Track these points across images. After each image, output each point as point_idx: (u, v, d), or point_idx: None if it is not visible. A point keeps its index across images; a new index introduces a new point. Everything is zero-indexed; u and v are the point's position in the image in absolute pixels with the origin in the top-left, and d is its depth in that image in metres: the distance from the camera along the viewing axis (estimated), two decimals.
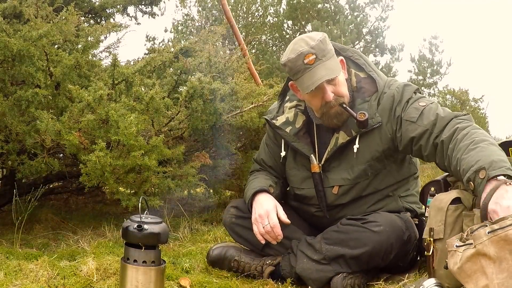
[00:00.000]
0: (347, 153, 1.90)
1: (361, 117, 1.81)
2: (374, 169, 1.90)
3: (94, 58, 2.94)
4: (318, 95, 1.84)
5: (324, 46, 1.80)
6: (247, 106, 2.87)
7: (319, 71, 1.77)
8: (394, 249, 1.80)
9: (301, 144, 1.97)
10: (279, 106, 2.09)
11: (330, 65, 1.80)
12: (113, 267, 1.88)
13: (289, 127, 1.99)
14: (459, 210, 1.61)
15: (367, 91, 1.89)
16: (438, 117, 1.74)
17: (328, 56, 1.80)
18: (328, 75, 1.78)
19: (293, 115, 2.00)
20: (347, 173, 1.91)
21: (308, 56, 1.77)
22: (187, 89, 2.46)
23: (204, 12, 13.79)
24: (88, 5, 3.65)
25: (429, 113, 1.76)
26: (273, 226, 1.86)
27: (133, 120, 2.21)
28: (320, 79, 1.77)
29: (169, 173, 2.53)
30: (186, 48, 2.78)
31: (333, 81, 1.82)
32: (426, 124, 1.75)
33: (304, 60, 1.77)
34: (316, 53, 1.77)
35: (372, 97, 1.87)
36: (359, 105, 1.87)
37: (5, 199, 3.04)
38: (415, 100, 1.82)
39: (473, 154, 1.52)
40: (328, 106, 1.84)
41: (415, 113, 1.78)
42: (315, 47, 1.78)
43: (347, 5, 13.50)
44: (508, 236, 1.29)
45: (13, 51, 2.21)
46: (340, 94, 1.84)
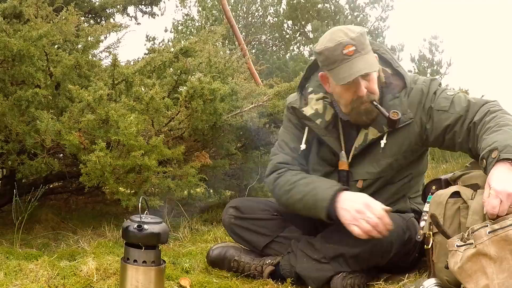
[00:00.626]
0: (373, 148, 1.86)
1: (394, 116, 1.76)
2: (399, 163, 1.88)
3: (94, 58, 2.95)
4: (351, 89, 1.77)
5: (363, 40, 1.75)
6: (247, 106, 2.87)
7: (358, 64, 1.71)
8: (394, 248, 1.80)
9: (331, 138, 1.90)
10: (301, 98, 1.97)
11: (369, 59, 1.75)
12: (113, 267, 1.88)
13: (319, 119, 1.90)
14: (458, 204, 1.62)
15: (396, 86, 1.85)
16: (470, 103, 1.74)
17: (366, 50, 1.75)
18: (367, 69, 1.73)
19: (322, 107, 1.91)
20: (372, 167, 1.87)
21: (348, 47, 1.71)
22: (187, 89, 2.46)
23: (204, 12, 13.79)
24: (88, 5, 3.65)
25: (459, 100, 1.76)
26: (380, 216, 1.68)
27: (133, 120, 2.21)
28: (358, 72, 1.71)
29: (169, 173, 2.53)
30: (186, 48, 2.77)
31: (368, 77, 1.76)
32: (459, 111, 1.74)
33: (343, 51, 1.71)
34: (356, 45, 1.71)
35: (401, 93, 1.84)
36: (389, 101, 1.83)
37: (5, 199, 3.04)
38: (442, 91, 1.82)
39: (494, 135, 1.55)
40: (359, 101, 1.78)
41: (445, 103, 1.77)
42: (355, 39, 1.72)
43: (347, 5, 13.51)
44: (509, 236, 1.29)
45: (13, 51, 2.21)
46: (373, 91, 1.79)
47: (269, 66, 10.29)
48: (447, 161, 5.38)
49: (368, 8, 13.70)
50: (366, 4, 13.64)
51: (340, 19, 12.69)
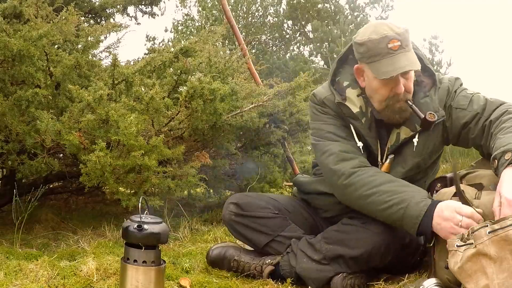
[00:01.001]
0: (404, 148, 1.84)
1: (431, 118, 1.75)
2: (425, 163, 1.87)
3: (94, 58, 2.95)
4: (389, 85, 1.74)
5: (408, 36, 1.73)
6: (247, 106, 2.87)
7: (401, 59, 1.69)
8: (393, 251, 1.80)
9: (372, 139, 1.85)
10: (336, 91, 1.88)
11: (412, 57, 1.73)
12: (113, 267, 1.88)
13: (364, 118, 1.84)
14: None
15: (427, 85, 1.84)
16: (487, 102, 1.75)
17: (410, 47, 1.73)
18: (410, 66, 1.70)
19: (364, 104, 1.84)
20: (400, 166, 1.85)
21: (394, 41, 1.69)
22: (187, 89, 2.46)
23: (204, 12, 13.79)
24: (88, 5, 3.65)
25: (478, 99, 1.77)
26: (471, 215, 1.52)
27: (133, 120, 2.21)
28: (402, 68, 1.69)
29: (169, 173, 2.53)
30: (186, 48, 2.77)
31: (407, 75, 1.75)
32: (476, 108, 1.75)
33: (388, 45, 1.69)
34: (401, 40, 1.69)
35: (431, 91, 1.83)
36: (421, 99, 1.81)
37: (5, 199, 3.04)
38: (462, 90, 1.82)
39: (509, 136, 1.54)
40: (395, 99, 1.76)
41: (464, 101, 1.78)
42: (401, 34, 1.70)
43: (347, 5, 13.50)
44: (509, 236, 1.29)
45: (13, 51, 2.21)
46: (409, 90, 1.77)
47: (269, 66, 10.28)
48: (447, 161, 5.38)
49: (368, 8, 13.70)
50: (366, 4, 13.63)
51: (340, 19, 12.68)
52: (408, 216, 1.63)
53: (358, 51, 1.78)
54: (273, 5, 14.07)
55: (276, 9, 14.09)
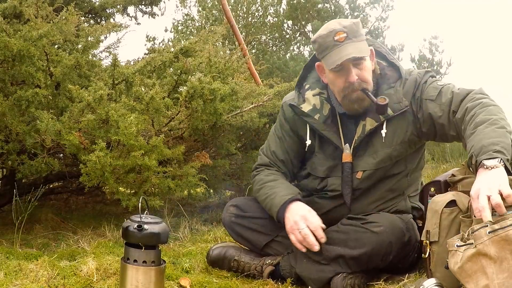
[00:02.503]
0: (374, 139, 1.89)
1: (381, 101, 1.81)
2: (398, 153, 1.89)
3: (94, 58, 2.94)
4: (342, 75, 1.83)
5: (356, 28, 1.82)
6: (247, 106, 2.87)
7: (347, 48, 1.77)
8: (394, 250, 1.80)
9: (330, 132, 1.93)
10: (298, 96, 2.01)
11: (360, 45, 1.80)
12: (113, 267, 1.88)
13: (317, 114, 1.94)
14: (455, 214, 1.61)
15: (391, 77, 1.90)
16: (454, 94, 1.77)
17: (359, 38, 1.81)
18: (356, 53, 1.77)
19: (319, 102, 1.96)
20: (371, 157, 1.89)
21: (339, 33, 1.78)
22: (187, 89, 2.46)
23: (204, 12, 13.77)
24: (88, 5, 3.65)
25: (447, 92, 1.80)
26: (314, 228, 1.80)
27: (133, 120, 2.21)
28: (347, 55, 1.76)
29: (169, 173, 2.53)
30: (186, 48, 2.77)
31: (360, 65, 1.81)
32: (444, 102, 1.78)
33: (335, 37, 1.79)
34: (347, 32, 1.79)
35: (397, 83, 1.88)
36: (385, 90, 1.87)
37: (5, 199, 3.04)
38: (433, 81, 1.86)
39: (471, 139, 1.57)
40: (350, 88, 1.83)
41: (434, 92, 1.82)
42: (347, 27, 1.80)
43: (347, 5, 13.49)
44: (509, 236, 1.29)
45: (13, 51, 2.21)
46: (364, 79, 1.83)
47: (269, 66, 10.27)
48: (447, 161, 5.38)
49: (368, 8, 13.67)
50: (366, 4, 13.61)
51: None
52: (273, 205, 1.91)
53: (314, 49, 1.90)
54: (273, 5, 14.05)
55: (276, 9, 14.07)
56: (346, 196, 1.92)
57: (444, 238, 1.60)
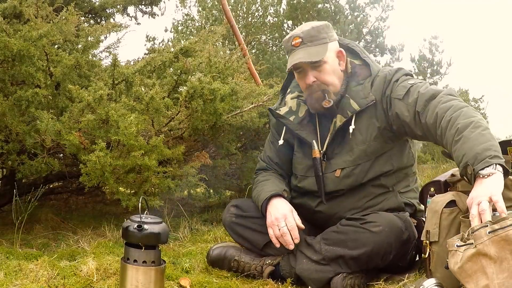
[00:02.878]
0: (346, 136, 1.94)
1: (325, 104, 1.92)
2: (373, 149, 1.91)
3: (94, 58, 2.94)
4: (303, 78, 1.96)
5: (314, 33, 1.92)
6: (247, 106, 2.87)
7: (299, 54, 1.90)
8: (394, 250, 1.80)
9: (304, 132, 2.02)
10: (281, 100, 2.15)
11: (313, 50, 1.90)
12: (113, 267, 1.88)
13: (292, 116, 2.05)
14: (454, 214, 1.61)
15: (361, 75, 1.97)
16: (419, 94, 1.79)
17: (315, 42, 1.91)
18: (305, 58, 1.88)
19: (295, 104, 2.07)
20: (348, 155, 1.94)
21: (295, 39, 1.92)
22: (187, 89, 2.46)
23: (204, 12, 13.77)
24: (88, 5, 3.65)
25: (414, 91, 1.81)
26: (291, 228, 1.87)
27: (133, 120, 2.21)
28: (295, 61, 1.89)
29: (169, 173, 2.52)
30: (186, 48, 2.77)
31: (318, 68, 1.91)
32: (410, 102, 1.80)
33: (292, 42, 1.93)
34: (303, 37, 1.91)
35: (366, 80, 1.94)
36: (353, 87, 1.94)
37: (5, 199, 3.04)
38: (404, 80, 1.88)
39: (459, 147, 1.55)
40: (310, 89, 1.95)
41: (402, 91, 1.85)
42: (304, 32, 1.92)
43: (347, 5, 13.49)
44: (509, 236, 1.29)
45: (13, 51, 2.21)
46: (324, 81, 1.92)
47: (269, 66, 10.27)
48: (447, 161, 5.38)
49: (368, 8, 13.68)
50: (366, 4, 13.61)
51: (340, 19, 12.68)
52: (259, 200, 2.00)
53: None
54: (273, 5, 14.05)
55: (276, 9, 14.07)
56: (320, 191, 1.98)
57: (444, 238, 1.60)
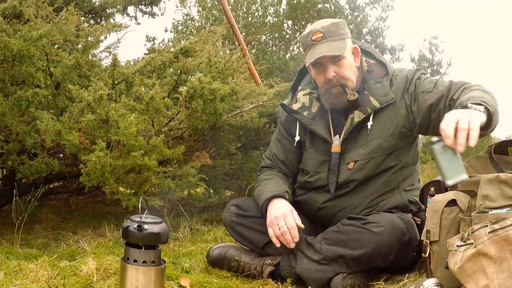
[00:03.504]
0: (363, 131, 1.97)
1: (351, 97, 1.93)
2: (388, 145, 1.94)
3: (94, 58, 2.94)
4: (321, 72, 1.96)
5: (334, 28, 1.94)
6: (247, 106, 2.87)
7: (321, 48, 1.91)
8: (394, 250, 1.80)
9: (319, 127, 2.03)
10: (292, 97, 2.16)
11: (335, 44, 1.92)
12: (113, 267, 1.88)
13: (306, 111, 2.06)
14: (455, 213, 1.61)
15: (378, 73, 2.00)
16: (452, 83, 1.86)
17: (336, 37, 1.93)
18: (328, 52, 1.90)
19: (308, 100, 2.08)
20: (362, 148, 1.96)
21: (316, 33, 1.93)
22: (187, 89, 2.46)
23: (204, 12, 13.75)
24: (88, 5, 3.65)
25: (443, 82, 1.89)
26: (291, 227, 1.87)
27: (133, 120, 2.21)
28: (319, 54, 1.90)
29: (169, 173, 2.52)
30: (186, 48, 2.77)
31: (338, 62, 1.93)
32: (441, 90, 1.86)
33: (312, 37, 1.93)
34: (324, 32, 1.92)
35: (384, 78, 1.98)
36: (372, 85, 1.98)
37: (5, 199, 3.04)
38: (426, 77, 1.95)
39: (461, 97, 1.68)
40: (329, 84, 1.95)
41: (430, 85, 1.90)
42: (324, 27, 1.93)
43: (347, 5, 13.47)
44: (509, 236, 1.29)
45: (13, 51, 2.21)
46: (343, 76, 1.94)
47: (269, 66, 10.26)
48: None
49: (368, 8, 13.64)
50: (366, 4, 13.58)
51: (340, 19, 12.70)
52: (259, 200, 2.00)
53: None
54: (273, 5, 14.03)
55: (276, 9, 14.05)
56: (331, 185, 1.98)
57: (444, 237, 1.60)
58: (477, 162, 1.79)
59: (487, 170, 1.76)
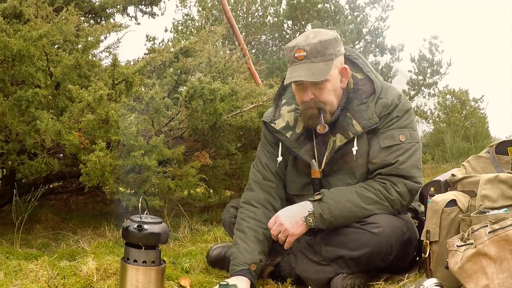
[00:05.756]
0: (347, 156, 1.86)
1: (320, 130, 1.82)
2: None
3: (94, 58, 2.94)
4: (300, 91, 1.85)
5: (321, 48, 1.78)
6: (247, 106, 2.87)
7: (300, 69, 1.78)
8: (394, 250, 1.79)
9: (302, 150, 1.92)
10: (275, 110, 2.02)
11: (317, 67, 1.78)
12: (113, 267, 1.88)
13: (289, 132, 1.94)
14: (455, 213, 1.61)
15: (364, 92, 1.87)
16: (393, 161, 1.80)
17: (321, 58, 1.78)
18: (306, 77, 1.77)
19: (293, 119, 1.95)
20: (349, 178, 1.87)
21: (299, 51, 1.78)
22: (187, 89, 2.46)
23: (204, 12, 13.76)
24: (88, 5, 3.64)
25: (396, 152, 1.81)
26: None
27: (133, 120, 2.21)
28: (296, 77, 1.78)
29: (169, 173, 2.53)
30: (186, 48, 2.77)
31: (320, 85, 1.80)
32: (381, 156, 1.81)
33: (295, 54, 1.79)
34: (308, 51, 1.77)
35: (369, 98, 1.86)
36: (355, 106, 1.86)
37: (5, 199, 3.04)
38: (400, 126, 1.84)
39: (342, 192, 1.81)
40: (305, 105, 1.84)
41: (389, 142, 1.82)
42: (310, 45, 1.78)
43: (347, 5, 13.48)
44: (509, 236, 1.29)
45: (13, 51, 2.21)
46: (322, 100, 1.82)
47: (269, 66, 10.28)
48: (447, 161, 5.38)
49: (368, 8, 13.66)
50: (366, 4, 13.59)
51: (340, 19, 12.68)
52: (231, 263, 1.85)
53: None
54: (273, 5, 14.05)
55: (276, 9, 14.07)
56: None
57: (444, 237, 1.60)
58: (477, 162, 1.80)
59: (487, 170, 1.76)
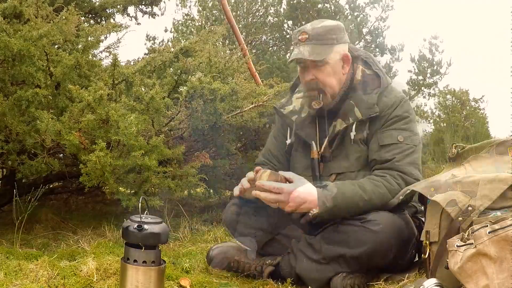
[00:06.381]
0: (346, 141, 1.96)
1: (314, 105, 1.96)
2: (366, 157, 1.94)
3: (94, 58, 2.94)
4: (303, 73, 1.99)
5: (323, 32, 1.93)
6: (247, 106, 2.87)
7: (304, 49, 1.91)
8: (394, 248, 1.80)
9: (304, 132, 2.05)
10: (289, 98, 2.18)
11: (318, 49, 1.91)
12: (113, 267, 1.88)
13: (294, 116, 2.08)
14: (454, 213, 1.61)
15: (370, 85, 1.98)
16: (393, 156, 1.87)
17: (322, 41, 1.92)
18: (306, 56, 1.90)
19: (299, 104, 2.10)
20: (344, 161, 1.96)
21: (303, 34, 1.93)
22: (187, 89, 2.46)
23: (204, 12, 13.77)
24: (88, 5, 3.65)
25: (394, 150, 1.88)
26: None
27: (133, 120, 2.21)
28: (297, 55, 1.92)
29: (169, 173, 2.53)
30: (186, 48, 2.77)
31: (320, 67, 1.92)
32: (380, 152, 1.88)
33: (299, 36, 1.94)
34: (310, 34, 1.92)
35: (374, 90, 1.96)
36: (359, 95, 1.96)
37: (5, 199, 3.04)
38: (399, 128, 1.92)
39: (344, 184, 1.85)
40: (308, 86, 1.98)
41: (387, 140, 1.90)
42: (313, 30, 1.93)
43: (347, 5, 13.48)
44: (509, 236, 1.29)
45: (13, 51, 2.21)
46: (321, 81, 1.94)
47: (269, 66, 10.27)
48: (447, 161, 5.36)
49: (368, 8, 13.65)
50: (366, 4, 13.59)
51: (340, 19, 12.69)
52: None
53: None
54: (273, 5, 14.05)
55: (277, 9, 14.07)
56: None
57: (444, 238, 1.59)
58: (477, 162, 1.79)
59: (487, 170, 1.76)
